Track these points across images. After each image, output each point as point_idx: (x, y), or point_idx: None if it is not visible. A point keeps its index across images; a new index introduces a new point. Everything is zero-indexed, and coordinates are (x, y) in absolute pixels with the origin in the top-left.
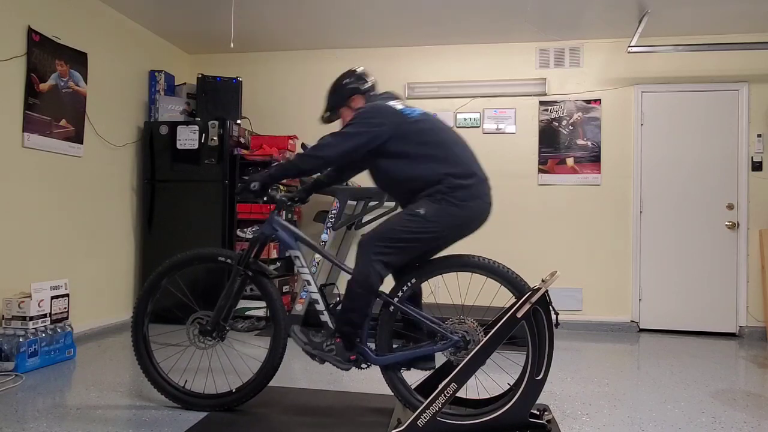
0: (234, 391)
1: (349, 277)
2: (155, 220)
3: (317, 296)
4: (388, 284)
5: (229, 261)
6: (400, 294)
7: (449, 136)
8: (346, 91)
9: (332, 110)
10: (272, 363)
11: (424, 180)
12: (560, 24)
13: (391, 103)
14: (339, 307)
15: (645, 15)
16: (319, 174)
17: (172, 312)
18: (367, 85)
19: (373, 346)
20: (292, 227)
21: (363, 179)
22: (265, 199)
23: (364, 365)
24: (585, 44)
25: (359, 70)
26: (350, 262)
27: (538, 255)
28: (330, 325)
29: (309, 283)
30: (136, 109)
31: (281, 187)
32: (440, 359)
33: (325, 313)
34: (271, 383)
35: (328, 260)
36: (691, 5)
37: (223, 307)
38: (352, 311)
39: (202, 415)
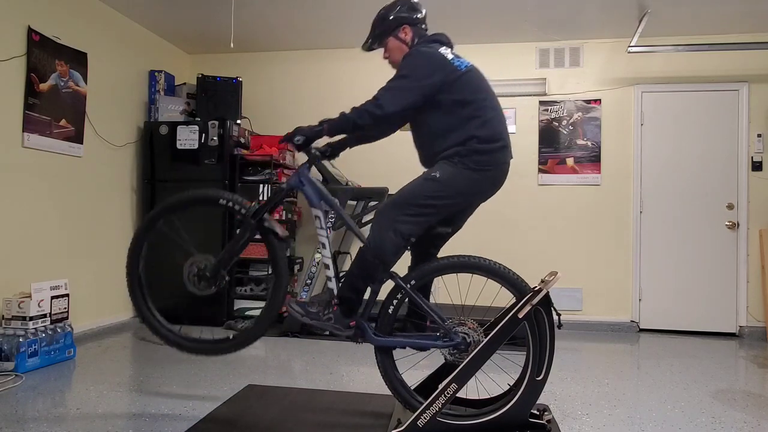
0: (231, 338)
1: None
2: None
3: (329, 261)
4: (402, 268)
5: (230, 205)
6: (409, 286)
7: (488, 97)
8: (396, 19)
9: (377, 38)
10: (268, 318)
11: (449, 139)
12: (560, 24)
13: (443, 50)
14: (346, 273)
15: (645, 15)
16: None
17: (173, 311)
18: (418, 15)
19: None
20: (319, 185)
21: (363, 179)
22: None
23: (360, 339)
24: (585, 44)
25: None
26: (350, 262)
27: (538, 255)
28: (335, 292)
29: (324, 246)
30: (136, 109)
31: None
32: (440, 359)
33: (333, 279)
34: (271, 383)
35: (349, 226)
36: (691, 5)
37: (226, 257)
38: (359, 278)
39: (202, 415)
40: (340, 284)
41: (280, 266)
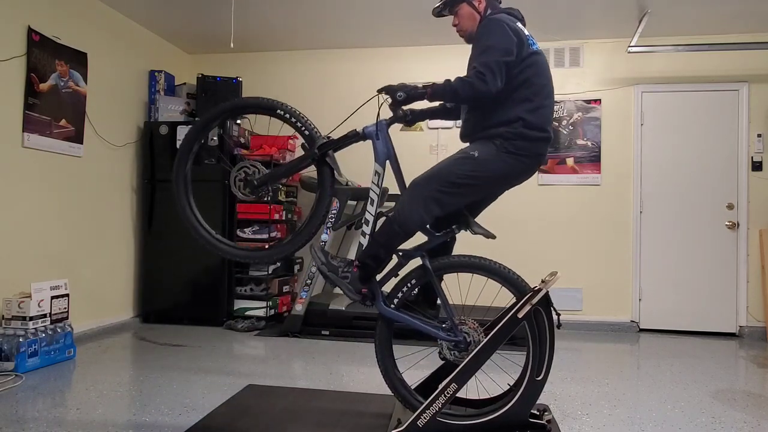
0: (267, 248)
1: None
2: (155, 220)
3: (371, 218)
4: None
5: (292, 120)
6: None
7: (548, 84)
8: None
9: (450, 4)
10: (308, 231)
11: (496, 115)
12: (560, 24)
13: (519, 25)
14: (368, 239)
15: (645, 15)
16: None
17: (173, 311)
18: None
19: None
20: (390, 144)
21: (363, 179)
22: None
23: (369, 303)
24: (585, 44)
25: None
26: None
27: (538, 255)
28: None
29: (371, 203)
30: (136, 109)
31: (281, 187)
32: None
33: (367, 236)
34: (271, 383)
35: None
36: (691, 5)
37: (279, 172)
38: (382, 247)
39: (202, 415)
40: (364, 250)
41: (327, 190)
